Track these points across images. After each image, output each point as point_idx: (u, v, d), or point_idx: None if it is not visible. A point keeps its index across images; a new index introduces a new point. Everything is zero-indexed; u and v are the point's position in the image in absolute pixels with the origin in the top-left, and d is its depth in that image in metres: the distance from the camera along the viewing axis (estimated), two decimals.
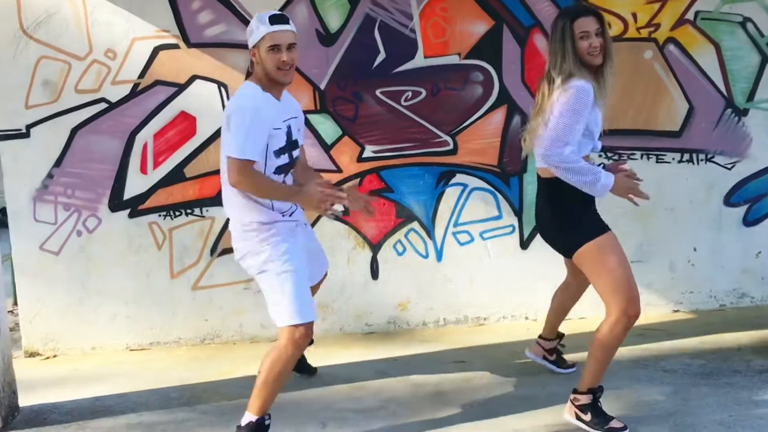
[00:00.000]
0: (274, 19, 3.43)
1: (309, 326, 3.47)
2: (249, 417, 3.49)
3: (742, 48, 5.19)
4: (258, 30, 3.44)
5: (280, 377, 3.47)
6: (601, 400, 3.56)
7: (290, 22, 3.50)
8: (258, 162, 3.43)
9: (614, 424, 3.51)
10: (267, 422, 3.52)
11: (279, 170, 3.56)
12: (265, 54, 3.42)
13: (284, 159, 3.56)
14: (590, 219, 3.63)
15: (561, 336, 4.32)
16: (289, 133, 3.57)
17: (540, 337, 4.32)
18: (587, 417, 3.53)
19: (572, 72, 3.49)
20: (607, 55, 3.56)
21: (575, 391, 3.59)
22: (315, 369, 4.43)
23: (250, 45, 3.49)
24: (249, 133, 3.37)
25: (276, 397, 3.53)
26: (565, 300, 4.21)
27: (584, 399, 3.55)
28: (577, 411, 3.56)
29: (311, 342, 3.70)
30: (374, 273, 5.19)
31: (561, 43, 3.53)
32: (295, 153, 3.66)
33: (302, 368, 4.36)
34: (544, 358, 4.29)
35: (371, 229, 5.15)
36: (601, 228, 3.60)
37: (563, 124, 3.43)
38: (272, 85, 3.51)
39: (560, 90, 3.49)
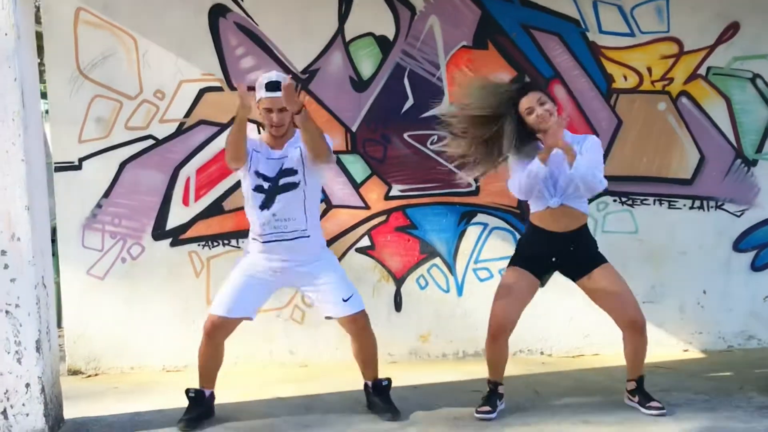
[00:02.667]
0: (269, 87, 3.96)
1: (219, 318, 4.11)
2: None
3: (752, 102, 5.39)
4: (258, 92, 4.01)
5: (199, 355, 4.21)
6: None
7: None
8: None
9: (482, 409, 4.14)
10: (191, 394, 4.19)
11: (256, 189, 4.04)
12: (262, 112, 4.03)
13: (259, 181, 4.04)
14: (517, 250, 4.25)
15: (639, 377, 4.27)
16: (280, 166, 4.03)
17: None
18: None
19: None
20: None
21: None
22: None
23: (256, 99, 4.02)
24: None
25: (208, 374, 4.25)
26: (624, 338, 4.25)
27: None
28: None
29: None
30: (398, 305, 5.39)
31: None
32: (284, 180, 4.03)
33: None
34: (629, 399, 4.31)
35: (396, 263, 5.36)
36: (513, 261, 4.21)
37: None
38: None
39: None
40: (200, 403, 4.23)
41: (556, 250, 4.12)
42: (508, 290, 4.16)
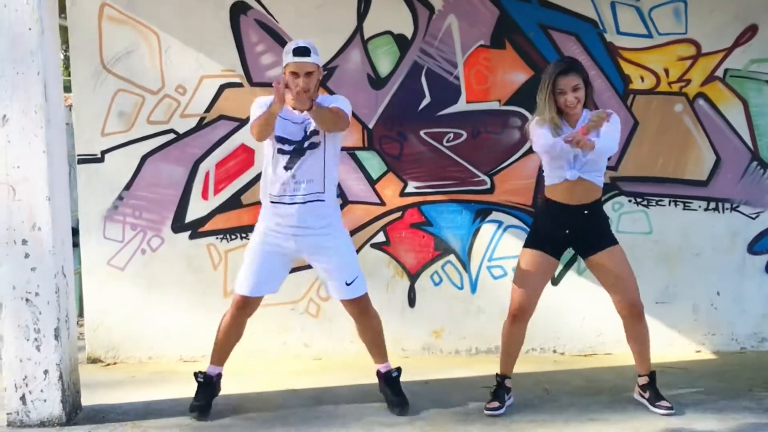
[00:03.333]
0: (296, 52, 3.97)
1: (243, 297, 4.24)
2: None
3: None
4: (286, 57, 4.02)
5: (220, 330, 4.34)
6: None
7: (311, 53, 3.96)
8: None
9: (490, 405, 4.20)
10: (200, 379, 4.33)
11: (280, 152, 4.09)
12: (288, 77, 3.99)
13: (283, 145, 4.09)
14: (531, 229, 4.32)
15: (651, 372, 4.32)
16: (305, 130, 4.07)
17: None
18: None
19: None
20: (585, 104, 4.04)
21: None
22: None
23: (283, 64, 4.04)
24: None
25: (224, 350, 4.37)
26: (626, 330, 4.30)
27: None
28: None
29: None
30: (411, 301, 5.42)
31: (543, 93, 4.03)
32: (308, 142, 4.07)
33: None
34: (640, 394, 4.35)
35: (410, 259, 5.39)
36: (527, 243, 4.24)
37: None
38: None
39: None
40: (209, 387, 4.33)
41: (569, 223, 4.11)
42: (524, 276, 4.21)
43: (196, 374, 4.34)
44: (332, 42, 5.23)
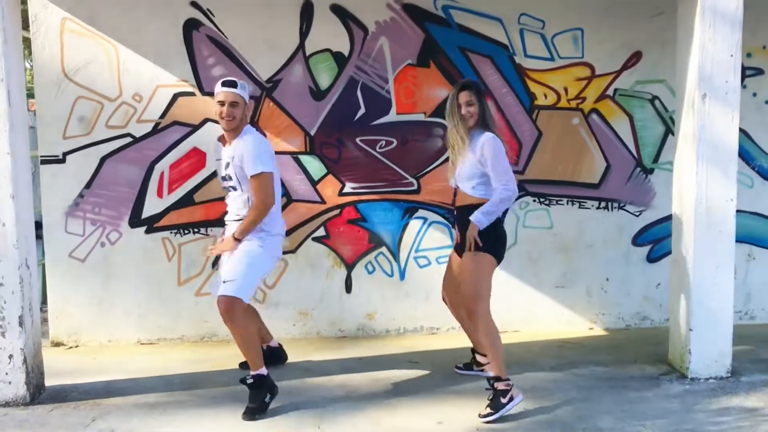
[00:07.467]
0: (224, 83, 3.84)
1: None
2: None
3: (651, 119, 5.32)
4: (216, 89, 3.86)
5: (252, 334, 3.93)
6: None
7: (237, 87, 3.82)
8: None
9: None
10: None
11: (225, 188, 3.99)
12: (216, 105, 3.83)
13: (224, 183, 3.97)
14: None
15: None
16: (227, 167, 3.88)
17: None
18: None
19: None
20: (479, 121, 3.87)
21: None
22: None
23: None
24: None
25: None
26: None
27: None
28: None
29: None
30: (348, 287, 5.21)
31: (450, 105, 3.91)
32: (229, 183, 3.90)
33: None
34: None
35: (347, 251, 5.18)
36: None
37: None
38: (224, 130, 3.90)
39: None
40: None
41: (457, 222, 4.00)
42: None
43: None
44: (277, 57, 4.97)
